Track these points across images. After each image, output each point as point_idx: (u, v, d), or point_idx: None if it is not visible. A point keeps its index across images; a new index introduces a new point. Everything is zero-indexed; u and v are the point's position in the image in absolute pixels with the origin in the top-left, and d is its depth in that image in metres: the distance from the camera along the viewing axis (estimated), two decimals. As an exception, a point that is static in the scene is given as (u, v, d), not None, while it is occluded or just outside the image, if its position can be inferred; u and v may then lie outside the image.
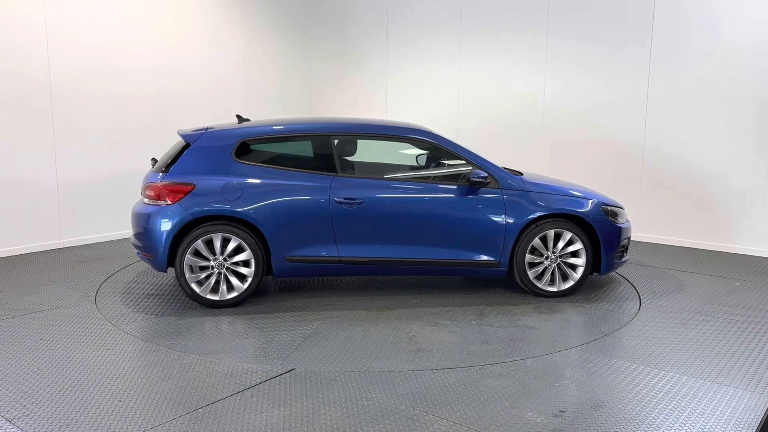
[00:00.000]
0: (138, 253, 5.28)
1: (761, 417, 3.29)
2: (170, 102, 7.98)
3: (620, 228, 5.39)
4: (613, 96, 7.50)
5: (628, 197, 7.52)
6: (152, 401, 3.47)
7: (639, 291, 5.53)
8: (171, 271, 5.64)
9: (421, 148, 5.54)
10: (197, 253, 4.94)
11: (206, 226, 4.93)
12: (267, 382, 3.70)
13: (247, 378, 3.76)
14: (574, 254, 5.31)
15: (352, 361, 4.05)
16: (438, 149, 5.35)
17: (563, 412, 3.35)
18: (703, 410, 3.37)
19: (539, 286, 5.30)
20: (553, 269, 5.31)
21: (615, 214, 5.43)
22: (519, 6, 8.06)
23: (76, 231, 7.25)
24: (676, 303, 5.20)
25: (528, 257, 5.24)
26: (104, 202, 7.44)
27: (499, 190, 5.20)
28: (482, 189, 5.19)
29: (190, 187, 4.94)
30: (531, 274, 5.26)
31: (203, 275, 4.98)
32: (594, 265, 5.38)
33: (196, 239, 4.91)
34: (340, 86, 9.89)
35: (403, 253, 5.18)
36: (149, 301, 5.24)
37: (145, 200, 5.11)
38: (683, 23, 6.94)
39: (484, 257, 5.22)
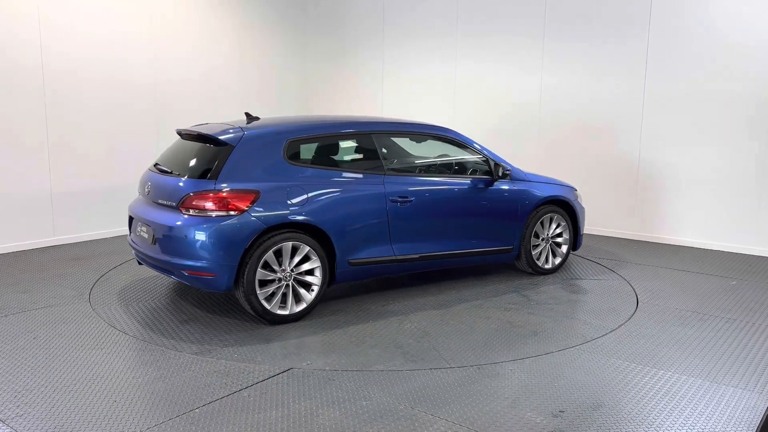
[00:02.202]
0: (174, 275, 4.63)
1: (761, 417, 3.29)
2: (164, 99, 7.91)
3: (584, 209, 6.22)
4: (610, 97, 7.47)
5: (624, 196, 7.51)
6: (148, 401, 3.43)
7: (636, 290, 5.52)
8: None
9: (443, 145, 5.84)
10: (265, 266, 4.49)
11: (275, 235, 4.49)
12: (264, 382, 3.67)
13: (244, 378, 3.72)
14: (559, 235, 5.98)
15: (499, 351, 4.14)
16: (460, 145, 5.62)
17: (563, 412, 3.34)
18: (702, 410, 3.36)
19: (540, 264, 5.88)
20: (547, 249, 5.94)
21: (579, 197, 6.20)
22: (515, 8, 8.03)
23: (69, 228, 7.18)
24: (674, 302, 5.19)
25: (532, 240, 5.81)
26: (98, 199, 7.36)
27: (511, 182, 5.67)
28: (501, 181, 5.60)
29: (255, 194, 4.47)
30: (534, 255, 5.82)
31: (270, 290, 4.51)
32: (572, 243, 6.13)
33: (266, 251, 4.44)
34: (336, 85, 9.84)
35: (447, 246, 5.38)
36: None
37: (191, 212, 4.43)
38: (680, 25, 6.92)
39: (504, 243, 5.68)
